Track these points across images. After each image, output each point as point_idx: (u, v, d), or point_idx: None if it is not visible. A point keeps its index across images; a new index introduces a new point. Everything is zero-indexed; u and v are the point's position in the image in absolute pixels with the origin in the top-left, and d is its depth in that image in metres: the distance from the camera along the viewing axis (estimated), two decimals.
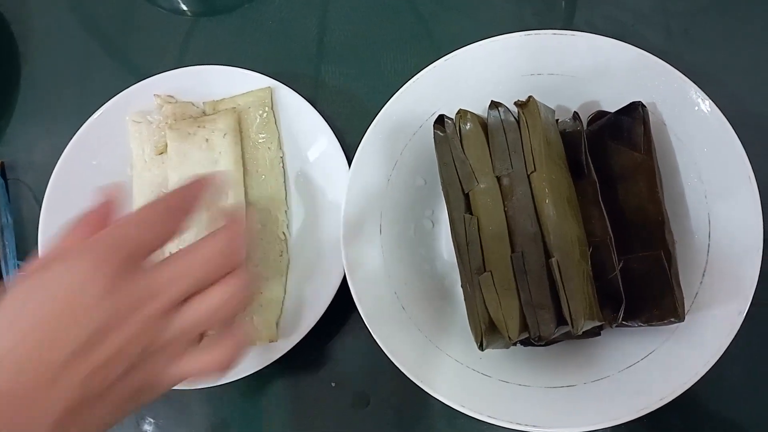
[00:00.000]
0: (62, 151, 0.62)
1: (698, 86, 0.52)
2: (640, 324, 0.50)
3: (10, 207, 0.66)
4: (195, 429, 0.60)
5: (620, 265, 0.49)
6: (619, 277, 0.49)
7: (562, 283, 0.46)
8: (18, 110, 0.70)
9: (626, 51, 0.54)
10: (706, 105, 0.51)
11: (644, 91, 0.53)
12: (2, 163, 0.68)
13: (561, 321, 0.47)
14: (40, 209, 0.61)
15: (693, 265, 0.51)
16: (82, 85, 0.70)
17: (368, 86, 0.65)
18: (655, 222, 0.51)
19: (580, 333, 0.47)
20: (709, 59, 0.61)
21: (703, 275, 0.51)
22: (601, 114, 0.55)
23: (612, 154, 0.53)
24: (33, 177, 0.67)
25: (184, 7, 0.72)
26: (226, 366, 0.39)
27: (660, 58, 0.53)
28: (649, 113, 0.52)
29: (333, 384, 0.58)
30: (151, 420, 0.61)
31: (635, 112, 0.52)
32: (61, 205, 0.61)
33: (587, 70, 0.55)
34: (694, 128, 0.52)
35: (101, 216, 0.40)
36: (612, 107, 0.54)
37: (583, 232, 0.50)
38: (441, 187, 0.53)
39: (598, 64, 0.55)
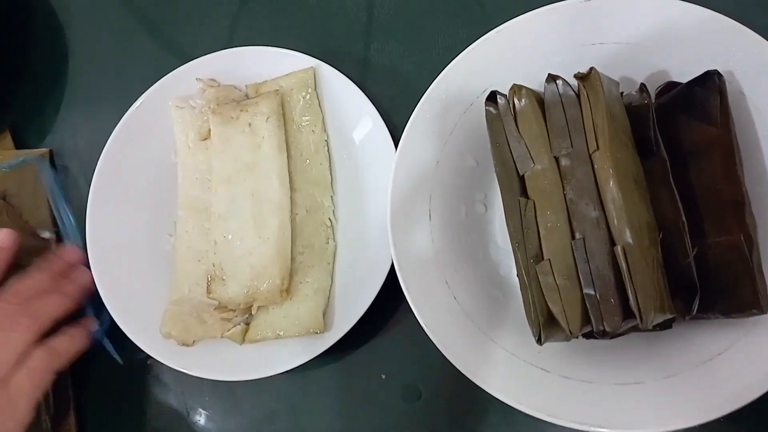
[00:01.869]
0: (107, 138, 0.61)
1: None
2: (716, 316, 0.46)
3: (67, 198, 0.65)
4: (244, 419, 0.59)
5: (694, 252, 0.45)
6: (693, 264, 0.45)
7: (629, 272, 0.42)
8: (65, 98, 0.70)
9: (697, 13, 0.49)
10: None
11: (719, 59, 0.48)
12: (50, 151, 0.68)
13: (628, 314, 0.43)
14: (87, 197, 0.61)
15: None
16: (126, 71, 0.69)
17: (415, 64, 0.61)
18: (733, 203, 0.46)
19: (650, 328, 0.43)
20: None
21: None
22: (671, 85, 0.50)
23: (684, 129, 0.48)
24: (79, 164, 0.67)
25: None
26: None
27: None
28: (726, 83, 0.47)
29: (383, 376, 0.56)
30: (201, 410, 0.60)
31: (710, 81, 0.47)
32: (108, 193, 0.61)
33: (654, 37, 0.50)
34: None
35: None
36: (683, 78, 0.49)
37: (652, 215, 0.45)
38: (494, 168, 0.50)
39: (666, 30, 0.50)
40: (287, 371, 0.53)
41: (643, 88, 0.49)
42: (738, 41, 0.48)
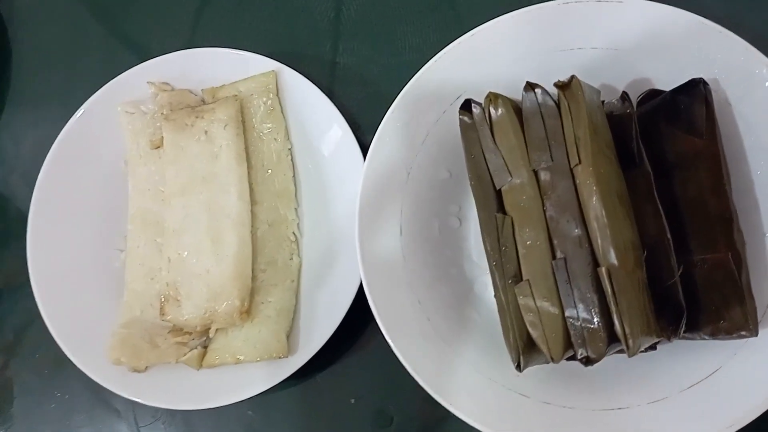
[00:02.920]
0: (52, 144, 0.57)
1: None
2: (704, 337, 0.43)
3: None
4: None
5: (680, 271, 0.42)
6: (679, 283, 0.42)
7: (614, 295, 0.39)
8: (6, 99, 0.65)
9: (682, 18, 0.46)
10: None
11: (704, 66, 0.46)
12: None
13: (612, 338, 0.40)
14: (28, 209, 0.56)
15: (765, 270, 0.44)
16: (75, 71, 0.65)
17: (384, 66, 0.58)
18: (720, 219, 0.44)
19: (637, 353, 0.40)
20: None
21: None
22: (653, 93, 0.48)
23: (667, 139, 0.46)
24: (21, 173, 0.62)
25: None
26: None
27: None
28: (712, 91, 0.45)
29: (352, 401, 0.53)
30: None
31: (695, 90, 0.45)
32: (52, 204, 0.57)
33: (636, 42, 0.48)
34: (764, 109, 0.45)
35: None
36: (666, 85, 0.47)
37: (637, 233, 0.43)
38: (469, 181, 0.47)
39: (649, 35, 0.47)
40: (250, 398, 0.50)
41: (624, 96, 0.46)
42: (724, 48, 0.45)
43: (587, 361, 0.41)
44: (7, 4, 0.68)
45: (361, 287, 0.49)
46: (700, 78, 0.45)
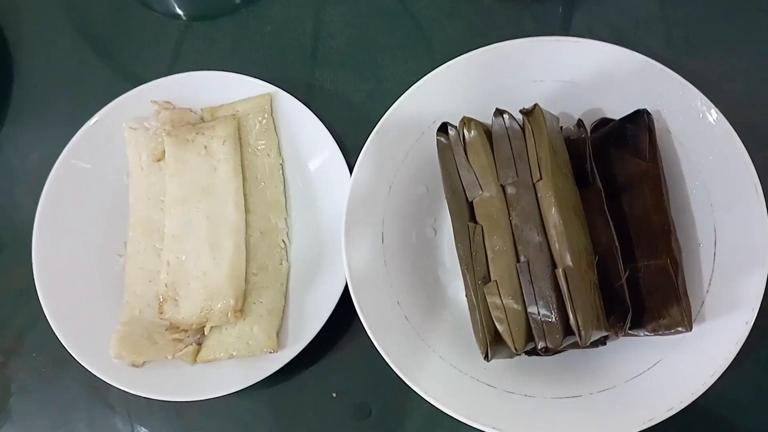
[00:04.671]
0: (56, 160, 0.61)
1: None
2: (646, 333, 0.50)
3: None
4: None
5: (626, 275, 0.49)
6: (625, 286, 0.48)
7: (569, 293, 0.45)
8: (10, 117, 0.69)
9: (631, 58, 0.53)
10: (712, 114, 0.51)
11: (649, 99, 0.53)
12: None
13: (568, 331, 0.46)
14: (32, 218, 0.60)
15: (699, 275, 0.51)
16: (75, 92, 0.69)
17: (368, 92, 0.64)
18: (661, 231, 0.50)
19: (588, 344, 0.46)
20: (711, 66, 0.60)
21: (710, 285, 0.50)
22: (605, 121, 0.55)
23: (616, 162, 0.53)
24: (26, 185, 0.66)
25: (179, 11, 0.70)
26: None
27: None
28: (654, 120, 0.52)
29: (334, 395, 0.58)
30: (144, 431, 0.59)
31: (640, 119, 0.52)
32: (57, 213, 0.60)
33: (591, 77, 0.55)
34: (699, 137, 0.52)
35: None
36: (616, 115, 0.54)
37: (589, 241, 0.49)
38: (444, 195, 0.52)
39: (603, 71, 0.54)
40: (238, 391, 0.54)
41: (580, 123, 0.53)
42: (666, 85, 0.52)
43: (546, 351, 0.47)
44: (13, 31, 0.72)
45: (344, 290, 0.54)
46: (644, 108, 0.52)
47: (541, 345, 0.47)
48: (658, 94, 0.53)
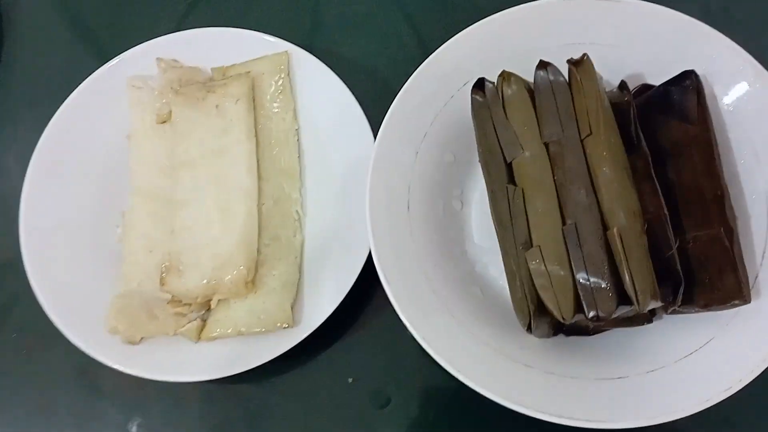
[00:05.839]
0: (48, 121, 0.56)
1: None
2: (698, 309, 0.46)
3: None
4: (193, 430, 0.53)
5: (677, 245, 0.45)
6: (676, 255, 0.44)
7: (625, 256, 0.41)
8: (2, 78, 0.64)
9: (674, 18, 0.50)
10: (764, 78, 0.48)
11: (693, 62, 0.49)
12: None
13: (621, 299, 0.42)
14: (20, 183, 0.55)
15: (752, 248, 0.47)
16: (73, 52, 0.64)
17: (391, 59, 0.61)
18: (713, 197, 0.46)
19: (646, 312, 0.42)
20: (750, 40, 0.57)
21: (763, 257, 0.47)
22: (645, 87, 0.51)
23: (661, 128, 0.49)
24: (16, 148, 0.61)
25: None
26: None
27: None
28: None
29: (350, 380, 0.53)
30: (144, 422, 0.53)
31: (687, 81, 0.48)
32: (47, 180, 0.55)
33: (631, 39, 0.51)
34: (749, 102, 0.49)
35: None
36: (657, 80, 0.51)
37: (639, 205, 0.45)
38: (478, 158, 0.48)
39: (644, 33, 0.51)
40: (245, 375, 0.49)
41: (623, 85, 0.50)
42: (713, 47, 0.49)
43: (597, 320, 0.42)
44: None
45: (363, 269, 0.50)
46: (692, 70, 0.48)
47: (591, 314, 0.42)
48: (704, 57, 0.49)
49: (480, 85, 0.49)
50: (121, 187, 0.56)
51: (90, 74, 0.57)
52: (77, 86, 0.57)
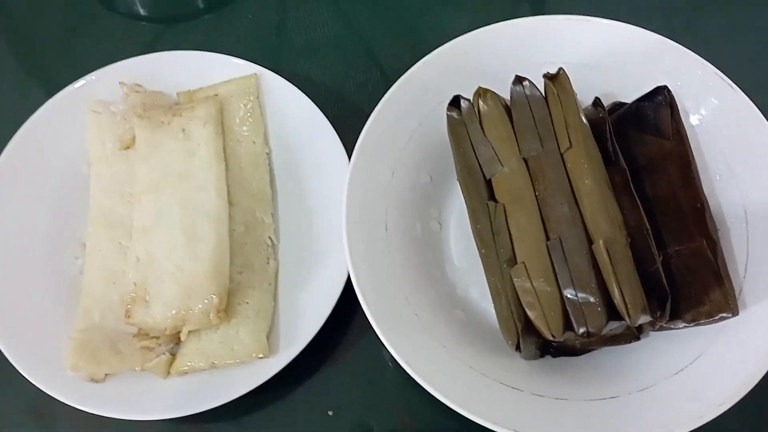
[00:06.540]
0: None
1: None
2: (685, 324, 0.45)
3: None
4: None
5: (660, 259, 0.44)
6: (661, 269, 0.44)
7: (613, 269, 0.40)
8: None
9: (644, 37, 0.51)
10: (735, 93, 0.49)
11: (663, 79, 0.50)
12: None
13: (611, 313, 0.41)
14: None
15: (733, 260, 0.47)
16: (29, 80, 0.62)
17: (359, 83, 0.59)
18: (692, 210, 0.46)
19: (635, 327, 0.41)
20: (712, 56, 0.58)
21: (746, 270, 0.46)
22: (618, 105, 0.51)
23: (636, 144, 0.49)
24: None
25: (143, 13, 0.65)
26: None
27: None
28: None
29: (330, 413, 0.50)
30: None
31: (659, 96, 0.49)
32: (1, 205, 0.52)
33: (602, 57, 0.52)
34: (719, 116, 0.49)
35: None
36: (629, 98, 0.51)
37: (621, 218, 0.45)
38: (457, 176, 0.47)
39: (614, 52, 0.52)
40: (219, 410, 0.46)
41: (597, 102, 0.49)
42: (682, 63, 0.50)
43: (588, 335, 0.41)
44: None
45: (342, 293, 0.48)
46: (664, 85, 0.49)
47: (581, 330, 0.41)
48: (674, 74, 0.50)
49: (455, 102, 0.48)
50: (81, 218, 0.53)
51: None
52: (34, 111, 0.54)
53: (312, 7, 0.63)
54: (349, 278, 0.47)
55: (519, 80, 0.46)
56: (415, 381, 0.43)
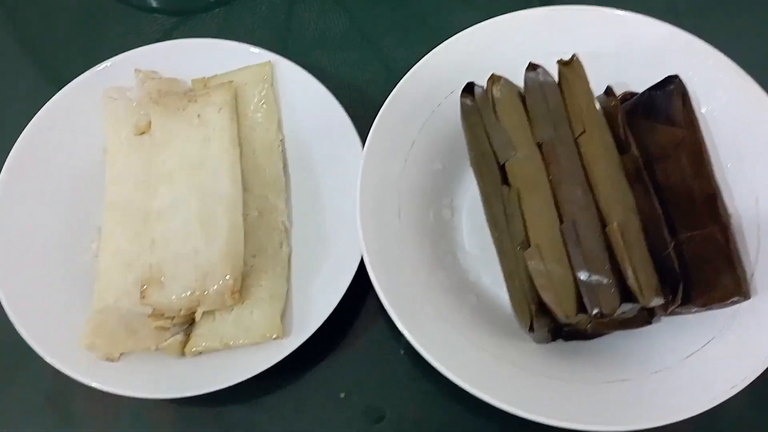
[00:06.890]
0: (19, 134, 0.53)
1: None
2: (697, 309, 0.45)
3: None
4: None
5: (672, 245, 0.45)
6: (673, 254, 0.44)
7: (627, 250, 0.41)
8: None
9: (656, 27, 0.51)
10: (745, 81, 0.49)
11: (675, 69, 0.50)
12: None
13: (624, 295, 0.41)
14: None
15: (745, 248, 0.47)
16: (43, 71, 0.62)
17: (373, 72, 0.60)
18: (704, 198, 0.47)
19: (648, 308, 0.41)
20: (723, 46, 0.59)
21: (758, 254, 0.47)
22: (629, 95, 0.52)
23: (648, 133, 0.49)
24: None
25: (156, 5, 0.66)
26: None
27: None
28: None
29: (342, 395, 0.50)
30: None
31: (671, 85, 0.49)
32: (17, 197, 0.52)
33: (614, 48, 0.52)
34: (732, 105, 0.49)
35: None
36: (640, 88, 0.51)
37: (634, 203, 0.45)
38: (470, 162, 0.48)
39: (626, 42, 0.52)
40: (231, 390, 0.46)
41: (609, 90, 0.50)
42: (694, 54, 0.50)
43: (601, 317, 0.41)
44: None
45: (353, 279, 0.48)
46: (675, 75, 0.49)
47: (595, 311, 0.41)
48: (684, 64, 0.50)
49: (469, 89, 0.48)
50: (97, 203, 0.53)
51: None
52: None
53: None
54: (360, 263, 0.47)
55: (533, 67, 0.47)
56: (426, 366, 0.43)
